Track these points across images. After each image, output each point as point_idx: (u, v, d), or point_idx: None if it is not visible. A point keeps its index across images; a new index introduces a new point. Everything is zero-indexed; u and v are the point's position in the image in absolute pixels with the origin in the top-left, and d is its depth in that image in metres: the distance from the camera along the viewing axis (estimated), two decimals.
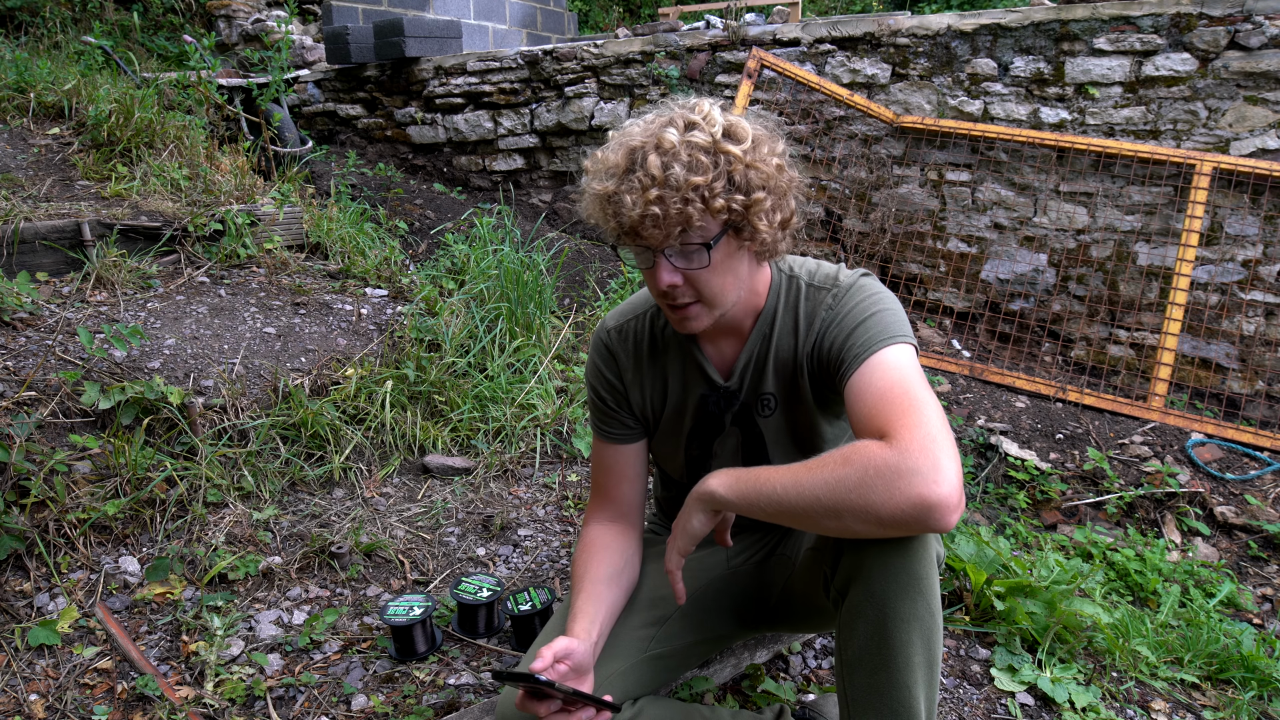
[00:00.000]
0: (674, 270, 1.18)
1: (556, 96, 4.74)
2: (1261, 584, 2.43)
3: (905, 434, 1.04)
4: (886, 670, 1.10)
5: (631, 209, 1.13)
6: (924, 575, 1.09)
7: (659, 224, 1.14)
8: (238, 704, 1.60)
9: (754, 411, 1.38)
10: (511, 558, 2.18)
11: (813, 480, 1.07)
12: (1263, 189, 3.39)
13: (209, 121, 4.15)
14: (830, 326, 1.26)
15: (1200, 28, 3.41)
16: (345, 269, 3.39)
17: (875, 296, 1.27)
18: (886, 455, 1.02)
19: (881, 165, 4.09)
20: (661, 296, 1.23)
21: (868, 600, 1.10)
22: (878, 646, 1.10)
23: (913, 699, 1.10)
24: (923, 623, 1.09)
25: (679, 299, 1.21)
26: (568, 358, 3.13)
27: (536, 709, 1.12)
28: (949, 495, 0.99)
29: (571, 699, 1.10)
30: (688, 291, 1.20)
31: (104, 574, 1.90)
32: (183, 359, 2.46)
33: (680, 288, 1.20)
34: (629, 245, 1.20)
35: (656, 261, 1.18)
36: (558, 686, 1.06)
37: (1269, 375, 3.47)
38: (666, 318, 1.31)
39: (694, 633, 1.44)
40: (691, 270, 1.18)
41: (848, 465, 1.05)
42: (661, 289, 1.19)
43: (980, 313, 4.01)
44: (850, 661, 1.14)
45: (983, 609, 1.95)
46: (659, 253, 1.17)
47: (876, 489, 1.01)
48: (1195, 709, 1.80)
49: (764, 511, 1.11)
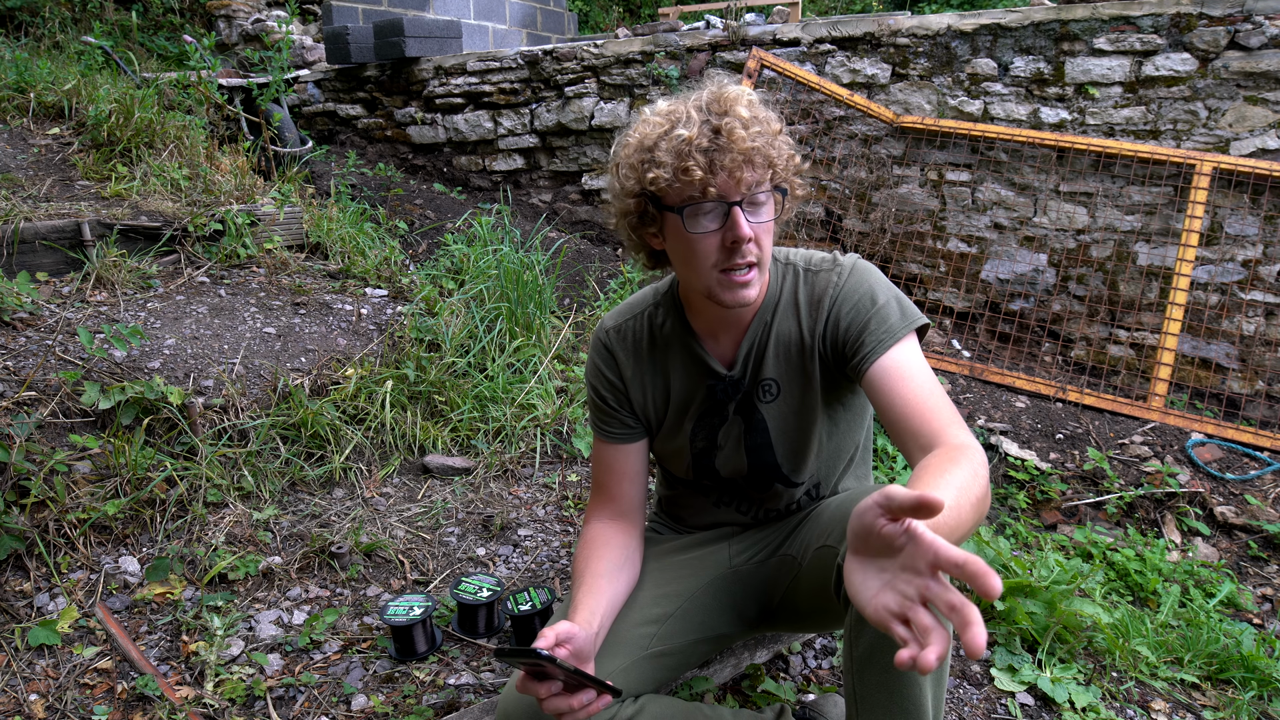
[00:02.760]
0: (748, 223, 1.19)
1: (556, 96, 4.74)
2: (1261, 584, 2.43)
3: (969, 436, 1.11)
4: (897, 669, 1.10)
5: (740, 141, 1.15)
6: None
7: (754, 164, 1.17)
8: (238, 704, 1.60)
9: (755, 398, 1.39)
10: (511, 558, 2.18)
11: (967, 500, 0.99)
12: (1263, 189, 3.39)
13: (209, 121, 4.15)
14: (843, 305, 1.29)
15: (1200, 28, 3.41)
16: (345, 269, 3.39)
17: (881, 279, 1.32)
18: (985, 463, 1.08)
19: (881, 165, 4.09)
20: (727, 258, 1.21)
21: None
22: (890, 644, 1.10)
23: (923, 696, 1.10)
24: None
25: (748, 256, 1.21)
26: (568, 358, 3.13)
27: (537, 690, 1.10)
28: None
29: (573, 678, 1.08)
30: (754, 250, 1.22)
31: (104, 574, 1.90)
32: (183, 359, 2.46)
33: (751, 244, 1.20)
34: (699, 202, 1.18)
35: (733, 215, 1.18)
36: (560, 664, 1.04)
37: (1269, 375, 3.47)
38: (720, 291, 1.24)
39: (695, 631, 1.44)
40: (761, 224, 1.21)
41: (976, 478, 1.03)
42: (744, 237, 1.19)
43: (980, 313, 4.01)
44: (861, 659, 1.14)
45: (983, 609, 1.95)
46: (736, 204, 1.18)
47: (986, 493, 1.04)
48: (1195, 709, 1.80)
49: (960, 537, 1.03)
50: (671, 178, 1.18)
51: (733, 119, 1.17)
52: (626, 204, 1.26)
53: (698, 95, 1.22)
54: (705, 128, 1.17)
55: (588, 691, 1.11)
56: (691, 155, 1.16)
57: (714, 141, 1.16)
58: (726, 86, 1.22)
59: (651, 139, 1.21)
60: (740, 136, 1.16)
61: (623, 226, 1.31)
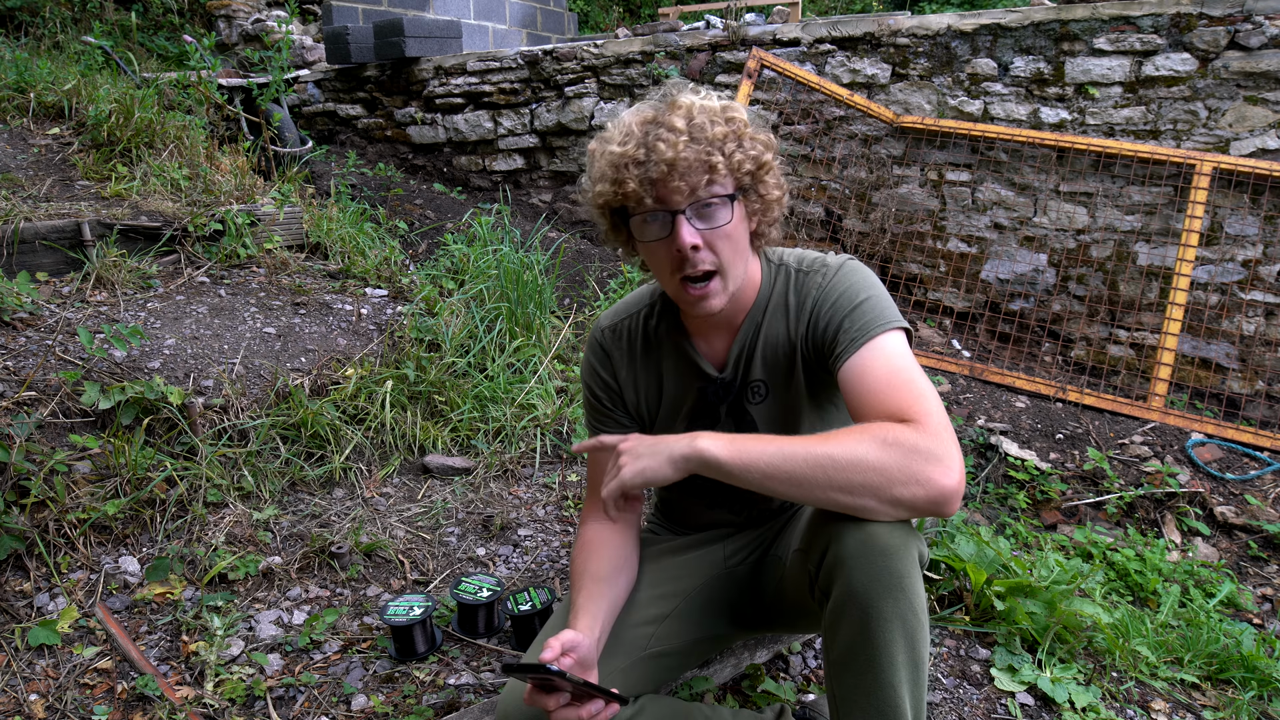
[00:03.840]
0: (694, 231, 1.20)
1: (556, 96, 4.74)
2: (1261, 584, 2.43)
3: (925, 420, 1.08)
4: (871, 670, 1.10)
5: (664, 153, 1.16)
6: (906, 574, 1.08)
7: (687, 173, 1.17)
8: (238, 704, 1.60)
9: (744, 399, 1.39)
10: (511, 558, 2.18)
11: (827, 449, 1.07)
12: (1263, 189, 3.39)
13: (209, 121, 4.15)
14: (823, 307, 1.29)
15: (1200, 28, 3.41)
16: (345, 269, 3.39)
17: (865, 279, 1.30)
18: (914, 438, 1.05)
19: (881, 165, 4.09)
20: (679, 267, 1.22)
21: (850, 600, 1.09)
22: (861, 646, 1.10)
23: (899, 698, 1.10)
24: (905, 622, 1.08)
25: (700, 265, 1.21)
26: (567, 358, 3.13)
27: (545, 702, 1.11)
28: (960, 486, 1.05)
29: (582, 690, 1.09)
30: (708, 258, 1.21)
31: (104, 574, 1.90)
32: (183, 359, 2.46)
33: (701, 252, 1.20)
34: (644, 212, 1.21)
35: (676, 224, 1.19)
36: (569, 677, 1.05)
37: (1269, 375, 3.47)
38: (682, 302, 1.28)
39: (693, 631, 1.44)
40: (711, 230, 1.21)
41: (868, 439, 1.06)
42: (685, 246, 1.19)
43: (980, 313, 4.01)
44: (836, 662, 1.14)
45: (983, 609, 1.94)
46: (679, 213, 1.19)
47: (899, 468, 1.04)
48: (1195, 709, 1.80)
49: (761, 474, 1.09)
50: (613, 191, 1.22)
51: (664, 129, 1.18)
52: (596, 215, 1.31)
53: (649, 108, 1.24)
54: (641, 141, 1.20)
55: (596, 701, 1.12)
56: (626, 168, 1.19)
57: (646, 155, 1.19)
58: (678, 94, 1.23)
59: (599, 156, 1.25)
60: (665, 148, 1.16)
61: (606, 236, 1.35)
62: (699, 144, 1.18)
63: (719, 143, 1.19)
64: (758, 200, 1.26)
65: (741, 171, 1.22)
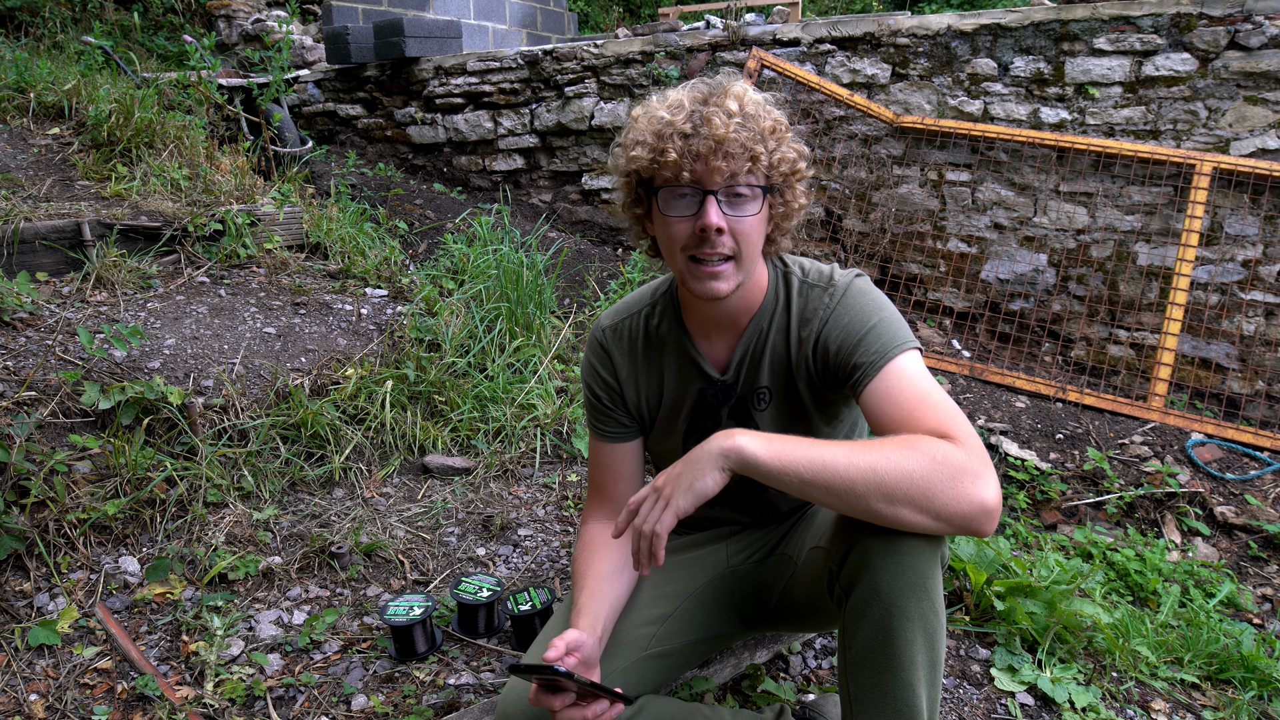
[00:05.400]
0: (721, 215, 1.20)
1: (556, 96, 4.74)
2: (1261, 584, 2.43)
3: (966, 439, 1.07)
4: (890, 669, 1.10)
5: (716, 129, 1.16)
6: (929, 575, 1.09)
7: (731, 156, 1.17)
8: (238, 704, 1.60)
9: (750, 405, 1.39)
10: (511, 558, 2.18)
11: (869, 458, 1.06)
12: (1263, 189, 3.39)
13: (209, 121, 4.15)
14: (832, 329, 1.28)
15: (1200, 28, 3.41)
16: (345, 269, 3.39)
17: (875, 300, 1.29)
18: (958, 454, 1.05)
19: (881, 165, 4.09)
20: (696, 246, 1.22)
21: (873, 598, 1.10)
22: (882, 645, 1.10)
23: (916, 698, 1.10)
24: (927, 622, 1.09)
25: (719, 247, 1.21)
26: (567, 358, 3.13)
27: (550, 703, 1.11)
28: (999, 505, 1.04)
29: (587, 690, 1.09)
30: (728, 243, 1.21)
31: (104, 574, 1.90)
32: (183, 359, 2.46)
33: (723, 236, 1.20)
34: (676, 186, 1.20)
35: (705, 203, 1.19)
36: (575, 677, 1.05)
37: (1269, 375, 3.47)
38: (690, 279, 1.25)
39: (694, 631, 1.44)
40: (738, 218, 1.21)
41: (914, 451, 1.05)
42: (710, 226, 1.18)
43: (980, 313, 4.01)
44: (854, 660, 1.14)
45: (983, 609, 1.95)
46: (711, 193, 1.19)
47: (944, 482, 1.03)
48: (1195, 709, 1.80)
49: (799, 478, 1.07)
50: (651, 159, 1.21)
51: (716, 109, 1.19)
52: (620, 183, 1.30)
53: (704, 86, 1.25)
54: (691, 115, 1.20)
55: (601, 701, 1.12)
56: (671, 139, 1.19)
57: (695, 128, 1.18)
58: (730, 83, 1.24)
59: (641, 119, 1.25)
60: (718, 124, 1.17)
61: (622, 208, 1.34)
62: (749, 131, 1.18)
63: (766, 135, 1.21)
64: (782, 204, 1.27)
65: (779, 170, 1.23)
